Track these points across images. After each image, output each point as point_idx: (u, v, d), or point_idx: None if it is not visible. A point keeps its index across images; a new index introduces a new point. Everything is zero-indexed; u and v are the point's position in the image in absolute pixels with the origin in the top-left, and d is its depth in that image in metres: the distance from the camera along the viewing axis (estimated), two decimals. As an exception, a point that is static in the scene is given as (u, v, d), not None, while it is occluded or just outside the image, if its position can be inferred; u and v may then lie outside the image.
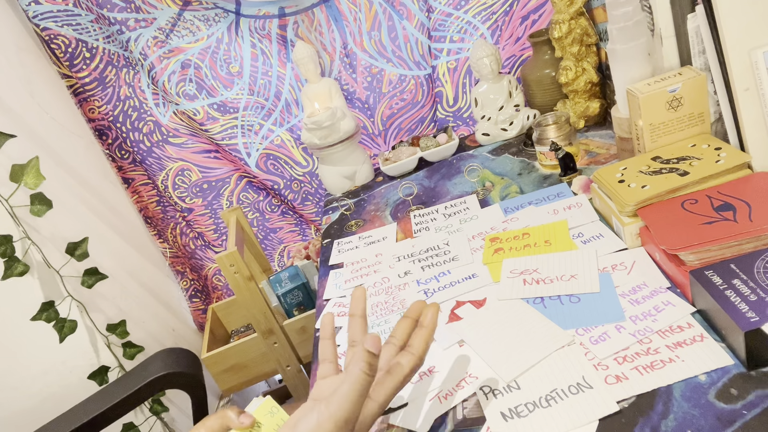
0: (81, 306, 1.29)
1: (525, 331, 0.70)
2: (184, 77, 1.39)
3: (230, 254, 1.21)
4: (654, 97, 0.80)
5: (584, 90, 1.13)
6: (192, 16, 1.35)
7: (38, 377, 1.26)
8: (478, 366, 0.68)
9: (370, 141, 1.49)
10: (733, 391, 0.53)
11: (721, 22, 0.71)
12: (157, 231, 1.60)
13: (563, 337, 0.66)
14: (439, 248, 0.96)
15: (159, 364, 1.14)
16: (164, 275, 1.61)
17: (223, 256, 1.20)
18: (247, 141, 1.46)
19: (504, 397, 0.61)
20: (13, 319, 1.22)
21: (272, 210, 1.59)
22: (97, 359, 1.34)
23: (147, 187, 1.56)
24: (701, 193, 0.72)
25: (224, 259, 1.21)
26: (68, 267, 1.27)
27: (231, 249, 1.22)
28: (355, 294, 0.61)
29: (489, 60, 1.21)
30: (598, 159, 1.03)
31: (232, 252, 1.21)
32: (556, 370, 0.63)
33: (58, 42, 1.34)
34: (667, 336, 0.61)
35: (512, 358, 0.66)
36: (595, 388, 0.58)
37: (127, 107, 1.44)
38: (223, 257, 1.21)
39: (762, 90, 0.72)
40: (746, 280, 0.58)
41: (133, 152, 1.49)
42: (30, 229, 1.22)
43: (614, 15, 0.85)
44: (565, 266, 0.78)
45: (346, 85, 1.43)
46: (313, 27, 1.38)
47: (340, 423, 0.47)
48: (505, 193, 1.06)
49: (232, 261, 1.21)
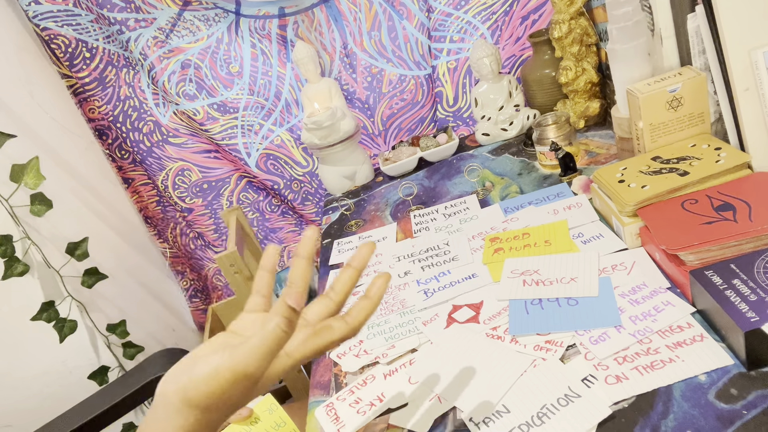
0: (81, 306, 1.29)
1: (482, 363, 0.68)
2: (184, 77, 1.39)
3: (230, 254, 1.21)
4: (654, 97, 0.80)
5: (584, 90, 1.13)
6: (192, 16, 1.35)
7: (38, 377, 1.26)
8: (458, 398, 0.65)
9: (370, 141, 1.49)
10: (733, 391, 0.53)
11: (721, 22, 0.71)
12: (157, 231, 1.60)
13: (522, 362, 0.65)
14: (439, 248, 0.96)
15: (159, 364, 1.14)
16: (164, 275, 1.61)
17: (223, 256, 1.20)
18: (247, 141, 1.46)
19: (495, 423, 0.60)
20: (13, 319, 1.22)
21: (272, 210, 1.59)
22: (97, 359, 1.33)
23: (147, 187, 1.56)
24: (701, 193, 0.72)
25: (224, 259, 1.21)
26: (68, 267, 1.27)
27: (231, 249, 1.22)
28: (306, 234, 0.52)
29: (489, 60, 1.21)
30: (598, 159, 1.03)
31: (232, 252, 1.21)
32: (540, 385, 0.62)
33: (58, 42, 1.34)
34: (667, 336, 0.61)
35: (479, 395, 0.64)
36: (584, 396, 0.58)
37: (127, 107, 1.44)
38: (223, 257, 1.20)
39: (762, 90, 0.72)
40: (746, 280, 0.58)
41: (133, 152, 1.49)
42: (30, 229, 1.22)
43: (614, 15, 0.85)
44: (565, 268, 0.78)
45: (346, 85, 1.43)
46: (313, 27, 1.38)
47: (239, 376, 0.42)
48: (505, 193, 1.06)
49: (232, 261, 1.21)
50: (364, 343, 0.81)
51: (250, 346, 0.42)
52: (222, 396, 0.43)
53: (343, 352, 0.81)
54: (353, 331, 0.50)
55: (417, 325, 0.80)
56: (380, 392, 0.71)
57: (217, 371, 0.43)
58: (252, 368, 0.42)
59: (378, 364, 0.76)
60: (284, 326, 0.42)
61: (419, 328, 0.79)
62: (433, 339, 0.76)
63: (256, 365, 0.42)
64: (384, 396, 0.70)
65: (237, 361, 0.42)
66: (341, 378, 0.77)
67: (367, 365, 0.77)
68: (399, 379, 0.72)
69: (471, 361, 0.69)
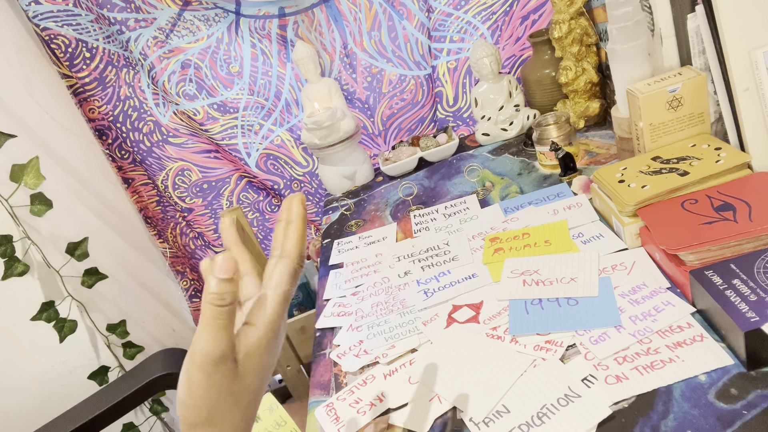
0: (81, 306, 1.29)
1: (482, 363, 0.68)
2: (184, 77, 1.39)
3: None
4: (654, 97, 0.80)
5: (584, 90, 1.13)
6: (192, 16, 1.35)
7: (38, 377, 1.26)
8: (458, 398, 0.65)
9: (370, 141, 1.49)
10: (733, 391, 0.53)
11: (721, 22, 0.71)
12: (157, 231, 1.60)
13: (522, 362, 0.65)
14: (439, 248, 0.96)
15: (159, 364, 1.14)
16: (164, 275, 1.61)
17: (223, 256, 1.20)
18: (247, 141, 1.46)
19: (495, 423, 0.60)
20: (13, 319, 1.22)
21: (272, 210, 1.59)
22: (97, 359, 1.34)
23: (147, 187, 1.56)
24: (701, 193, 0.72)
25: (224, 259, 1.20)
26: (68, 267, 1.27)
27: (231, 249, 1.22)
28: (292, 199, 0.48)
29: (489, 60, 1.21)
30: (598, 159, 1.03)
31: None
32: (540, 385, 0.62)
33: (58, 42, 1.34)
34: (667, 336, 0.61)
35: (479, 396, 0.64)
36: (584, 396, 0.58)
37: (127, 107, 1.44)
38: (223, 257, 1.20)
39: (762, 90, 0.72)
40: (746, 280, 0.58)
41: (133, 152, 1.49)
42: (30, 229, 1.22)
43: (614, 15, 0.85)
44: (566, 268, 0.78)
45: (346, 85, 1.43)
46: (313, 27, 1.38)
47: (207, 368, 0.40)
48: (505, 193, 1.06)
49: (232, 261, 1.21)
50: (364, 343, 0.81)
51: (196, 334, 0.41)
52: (210, 398, 0.41)
53: (343, 352, 0.81)
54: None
55: (417, 325, 0.80)
56: (380, 392, 0.71)
57: (188, 377, 0.41)
58: (210, 351, 0.40)
59: (378, 364, 0.76)
60: (215, 300, 0.40)
61: (419, 328, 0.79)
62: (433, 339, 0.76)
63: (211, 347, 0.40)
64: (384, 396, 0.70)
65: (195, 356, 0.41)
66: (341, 378, 0.77)
67: (367, 365, 0.77)
68: (399, 379, 0.72)
69: (471, 361, 0.69)
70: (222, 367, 0.41)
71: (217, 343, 0.40)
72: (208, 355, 0.40)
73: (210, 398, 0.41)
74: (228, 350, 0.41)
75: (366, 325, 0.84)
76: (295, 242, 0.46)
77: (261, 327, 0.44)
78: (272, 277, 0.46)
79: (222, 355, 0.41)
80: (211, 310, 0.40)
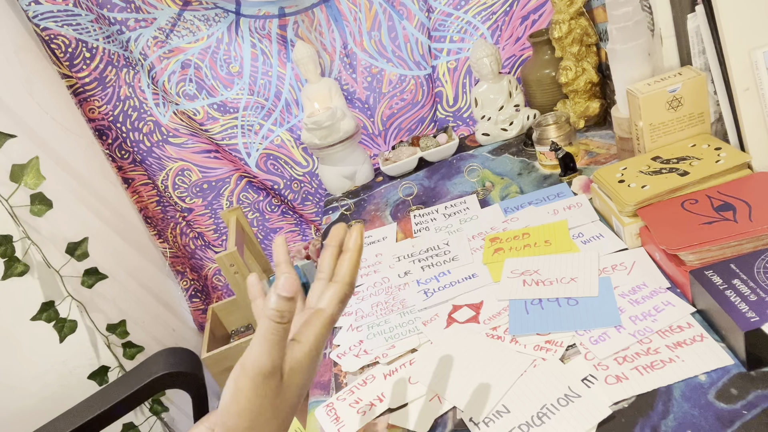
0: (81, 306, 1.29)
1: (482, 363, 0.68)
2: (184, 77, 1.39)
3: (230, 254, 1.21)
4: (654, 97, 0.80)
5: (584, 90, 1.13)
6: (192, 16, 1.35)
7: (38, 377, 1.26)
8: (458, 398, 0.65)
9: (370, 141, 1.49)
10: (733, 391, 0.53)
11: (721, 22, 0.71)
12: (157, 231, 1.60)
13: (522, 362, 0.65)
14: (439, 248, 0.96)
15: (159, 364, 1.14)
16: (164, 275, 1.61)
17: (223, 256, 1.20)
18: (247, 141, 1.46)
19: (495, 423, 0.60)
20: (13, 319, 1.22)
21: (272, 210, 1.59)
22: (97, 359, 1.33)
23: (147, 187, 1.56)
24: (701, 193, 0.72)
25: (224, 259, 1.21)
26: (68, 267, 1.27)
27: (231, 249, 1.22)
28: (353, 230, 0.52)
29: (489, 60, 1.21)
30: (598, 159, 1.03)
31: (232, 252, 1.21)
32: (540, 385, 0.62)
33: (58, 42, 1.34)
34: (667, 336, 0.61)
35: (479, 396, 0.64)
36: (584, 396, 0.58)
37: (127, 107, 1.44)
38: (223, 257, 1.20)
39: (762, 90, 0.72)
40: (746, 280, 0.58)
41: (133, 152, 1.49)
42: (30, 229, 1.22)
43: (614, 15, 0.85)
44: (566, 268, 0.78)
45: (346, 85, 1.43)
46: (313, 27, 1.38)
47: (257, 379, 0.42)
48: (505, 193, 1.06)
49: (232, 261, 1.21)
50: (364, 343, 0.81)
51: (252, 346, 0.43)
52: (254, 408, 0.42)
53: (344, 352, 0.81)
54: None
55: (417, 325, 0.80)
56: (380, 392, 0.71)
57: (236, 385, 0.43)
58: (262, 366, 0.42)
59: (378, 364, 0.76)
60: (276, 317, 0.42)
61: (419, 328, 0.79)
62: (433, 339, 0.76)
63: (264, 362, 0.42)
64: (384, 396, 0.70)
65: (246, 366, 0.42)
66: (341, 378, 0.77)
67: (367, 365, 0.77)
68: (399, 379, 0.72)
69: (471, 361, 0.69)
70: (270, 381, 0.43)
71: (270, 358, 0.42)
72: (260, 368, 0.42)
73: (253, 409, 0.42)
74: (279, 365, 0.43)
75: (366, 325, 0.84)
76: (349, 270, 0.50)
77: (306, 345, 0.46)
78: (323, 299, 0.48)
79: (273, 369, 0.43)
80: (269, 325, 0.42)
